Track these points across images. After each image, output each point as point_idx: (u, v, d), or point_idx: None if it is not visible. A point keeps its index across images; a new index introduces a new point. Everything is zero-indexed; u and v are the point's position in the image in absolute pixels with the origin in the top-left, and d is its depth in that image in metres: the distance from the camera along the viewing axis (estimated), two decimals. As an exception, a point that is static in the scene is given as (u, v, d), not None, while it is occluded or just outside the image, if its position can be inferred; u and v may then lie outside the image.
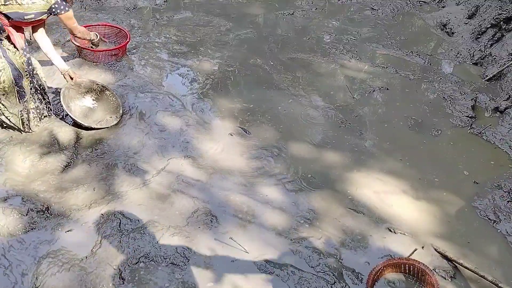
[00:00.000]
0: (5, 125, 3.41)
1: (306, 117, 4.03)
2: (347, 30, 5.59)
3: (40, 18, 3.24)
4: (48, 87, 3.76)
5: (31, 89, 3.37)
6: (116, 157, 3.38)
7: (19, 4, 3.07)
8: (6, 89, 3.19)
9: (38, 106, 3.47)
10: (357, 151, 3.68)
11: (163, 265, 2.64)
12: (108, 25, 4.76)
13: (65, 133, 3.52)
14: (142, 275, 2.58)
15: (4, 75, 3.13)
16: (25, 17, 3.15)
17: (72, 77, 3.61)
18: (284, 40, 5.25)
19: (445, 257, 2.86)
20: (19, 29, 3.26)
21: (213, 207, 3.06)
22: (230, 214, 3.02)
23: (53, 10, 3.23)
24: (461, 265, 2.79)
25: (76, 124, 3.58)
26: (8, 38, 3.20)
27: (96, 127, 3.60)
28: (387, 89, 4.51)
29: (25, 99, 3.32)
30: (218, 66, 4.63)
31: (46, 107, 3.58)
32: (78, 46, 4.33)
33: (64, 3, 3.26)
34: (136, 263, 2.63)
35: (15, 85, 3.21)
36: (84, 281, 2.51)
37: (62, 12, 3.29)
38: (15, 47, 3.21)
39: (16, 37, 3.22)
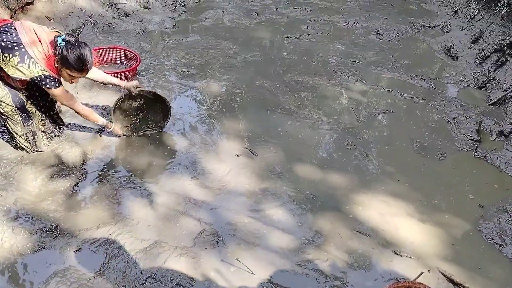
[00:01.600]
0: (17, 145, 3.47)
1: (312, 139, 4.08)
2: (352, 53, 5.69)
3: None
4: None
5: (40, 109, 3.43)
6: (124, 177, 3.43)
7: (4, 63, 2.95)
8: (10, 113, 3.24)
9: (48, 127, 3.54)
10: (362, 173, 3.71)
11: (169, 286, 2.66)
12: (119, 48, 4.88)
13: (75, 153, 3.57)
14: (148, 296, 2.60)
15: (5, 102, 3.17)
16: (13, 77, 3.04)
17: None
18: (290, 63, 5.35)
19: (451, 281, 2.86)
20: None
21: (219, 228, 3.09)
22: (236, 235, 3.05)
23: (37, 82, 3.05)
24: (467, 289, 2.79)
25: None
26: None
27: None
28: (392, 112, 4.56)
29: (30, 123, 3.34)
30: (225, 88, 4.72)
31: (58, 128, 3.65)
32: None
33: (50, 79, 3.05)
34: (143, 283, 2.65)
35: (18, 110, 3.24)
36: (91, 300, 2.54)
37: (48, 86, 3.08)
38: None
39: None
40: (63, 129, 3.74)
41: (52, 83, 3.09)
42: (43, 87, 3.10)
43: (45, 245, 2.84)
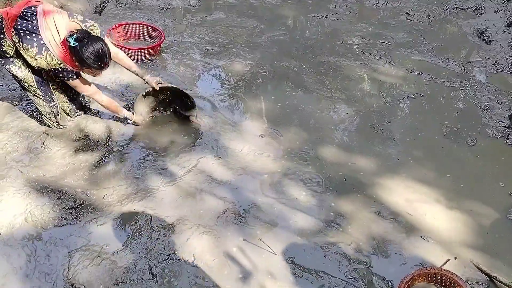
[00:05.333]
0: (42, 121, 3.49)
1: (337, 120, 3.99)
2: (381, 34, 5.52)
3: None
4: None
5: (65, 92, 3.41)
6: (147, 154, 3.42)
7: (24, 53, 2.93)
8: (34, 93, 3.25)
9: (72, 108, 3.54)
10: (388, 157, 3.62)
11: (191, 263, 2.66)
12: (144, 24, 4.83)
13: (99, 128, 3.57)
14: (171, 272, 2.60)
15: (28, 83, 3.18)
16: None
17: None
18: (316, 43, 5.22)
19: (479, 269, 2.79)
20: None
21: (242, 207, 3.06)
22: (258, 215, 3.01)
23: (56, 73, 3.06)
24: (495, 278, 2.71)
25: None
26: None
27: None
28: (422, 95, 4.43)
29: (52, 104, 3.33)
30: (249, 67, 4.64)
31: (80, 107, 3.64)
32: (113, 43, 4.40)
33: (67, 71, 3.03)
34: (166, 259, 2.65)
35: (41, 92, 3.24)
36: (114, 274, 2.55)
37: (66, 78, 3.08)
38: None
39: None
40: (89, 106, 3.73)
41: (70, 75, 3.06)
42: (62, 78, 3.09)
43: (69, 219, 2.86)
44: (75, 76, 3.10)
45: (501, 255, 2.91)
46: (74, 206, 2.93)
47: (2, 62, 3.09)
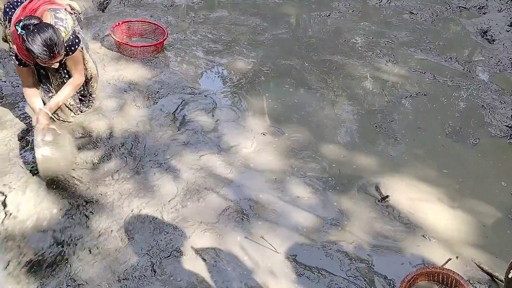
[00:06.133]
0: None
1: (340, 118, 3.99)
2: (384, 33, 5.51)
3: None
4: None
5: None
6: (149, 152, 3.42)
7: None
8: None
9: (73, 104, 3.54)
10: (390, 156, 3.62)
11: (193, 261, 2.66)
12: (147, 21, 4.84)
13: (102, 126, 3.57)
14: (173, 269, 2.60)
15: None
16: None
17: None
18: (318, 41, 5.22)
19: (480, 269, 2.79)
20: None
21: (244, 205, 3.06)
22: (261, 213, 3.02)
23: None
24: (497, 278, 2.72)
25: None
26: None
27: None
28: (424, 94, 4.42)
29: (50, 95, 3.31)
30: (252, 65, 4.64)
31: (83, 105, 3.64)
32: (117, 41, 4.42)
33: (16, 57, 2.89)
34: (168, 256, 2.66)
35: (39, 82, 3.23)
36: (117, 271, 2.56)
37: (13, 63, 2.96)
38: None
39: None
40: (93, 102, 3.73)
41: (15, 60, 2.94)
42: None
43: (71, 216, 2.85)
44: (17, 62, 2.93)
45: (502, 255, 2.90)
46: (76, 203, 2.94)
47: (11, 52, 3.07)
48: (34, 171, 3.03)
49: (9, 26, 3.00)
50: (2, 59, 4.13)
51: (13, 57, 2.96)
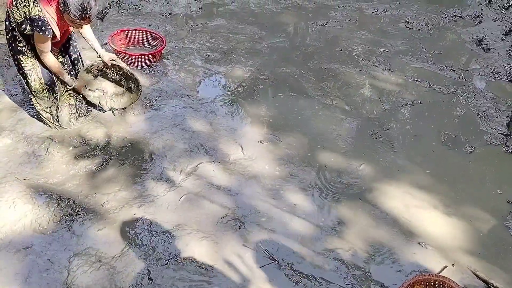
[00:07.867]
0: (42, 120, 3.52)
1: (336, 126, 4.02)
2: (381, 42, 5.56)
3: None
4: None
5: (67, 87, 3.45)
6: (146, 160, 3.44)
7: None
8: (37, 86, 3.31)
9: (75, 103, 3.57)
10: (387, 163, 3.64)
11: (191, 269, 2.67)
12: (145, 30, 4.87)
13: (99, 133, 3.60)
14: (170, 277, 2.61)
15: (35, 74, 3.24)
16: None
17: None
18: (315, 50, 5.26)
19: (476, 276, 2.80)
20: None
21: (241, 213, 3.08)
22: (258, 221, 3.03)
23: (30, 24, 2.97)
24: (493, 285, 2.73)
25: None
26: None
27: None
28: (420, 103, 4.46)
29: (54, 96, 3.39)
30: (250, 73, 4.67)
31: (85, 107, 3.67)
32: (115, 49, 4.45)
33: (42, 22, 2.92)
34: (165, 264, 2.67)
35: (45, 84, 3.31)
36: (113, 279, 2.57)
37: (37, 30, 2.95)
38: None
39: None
40: (91, 110, 3.76)
41: (43, 28, 2.93)
42: (33, 29, 2.96)
43: (69, 225, 2.87)
44: (47, 33, 2.96)
45: (498, 262, 2.92)
46: (74, 212, 2.95)
47: (12, 50, 3.12)
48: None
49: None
50: (0, 67, 4.15)
51: (43, 27, 2.92)
